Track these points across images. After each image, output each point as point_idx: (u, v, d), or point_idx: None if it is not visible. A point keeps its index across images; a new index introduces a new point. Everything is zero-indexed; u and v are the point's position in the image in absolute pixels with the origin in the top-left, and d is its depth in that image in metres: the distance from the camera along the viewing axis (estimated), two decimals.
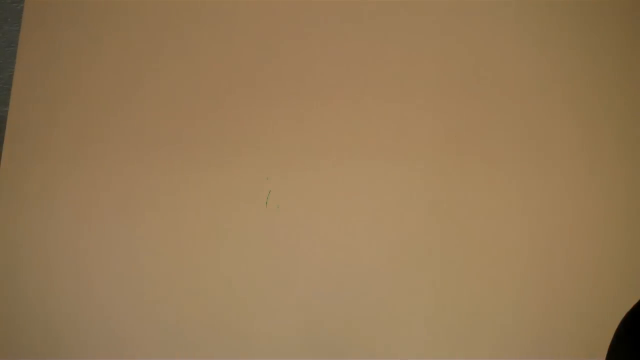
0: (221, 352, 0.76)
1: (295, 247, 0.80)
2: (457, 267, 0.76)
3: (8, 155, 0.93)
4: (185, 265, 0.83)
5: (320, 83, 0.85)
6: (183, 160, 0.86)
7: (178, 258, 0.83)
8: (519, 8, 0.86)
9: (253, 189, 0.83)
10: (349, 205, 0.80)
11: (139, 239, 0.85)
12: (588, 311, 0.73)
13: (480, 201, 0.78)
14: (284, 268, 0.79)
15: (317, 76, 0.85)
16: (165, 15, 0.90)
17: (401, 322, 0.74)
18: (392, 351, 0.73)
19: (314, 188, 0.81)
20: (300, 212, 0.81)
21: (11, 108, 0.92)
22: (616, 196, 0.78)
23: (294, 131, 0.84)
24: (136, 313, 0.83)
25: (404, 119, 0.82)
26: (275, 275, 0.79)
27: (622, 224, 0.77)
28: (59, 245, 0.88)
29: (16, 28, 0.94)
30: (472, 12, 0.86)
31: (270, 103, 0.84)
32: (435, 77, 0.84)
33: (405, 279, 0.76)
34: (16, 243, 0.90)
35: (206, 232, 0.83)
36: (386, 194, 0.80)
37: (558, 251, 0.76)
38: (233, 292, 0.80)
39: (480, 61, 0.84)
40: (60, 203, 0.90)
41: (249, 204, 0.82)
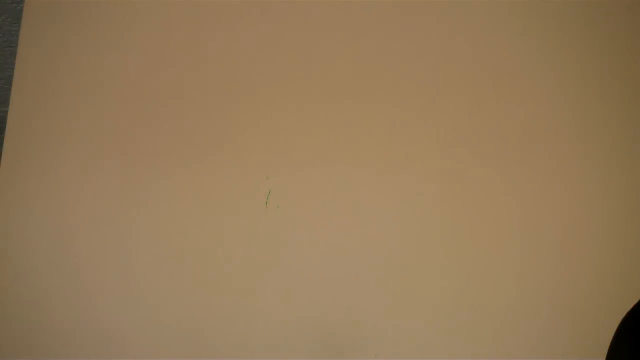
0: (221, 352, 0.76)
1: (295, 247, 0.80)
2: (458, 268, 0.76)
3: (8, 155, 0.93)
4: (184, 265, 0.83)
5: (320, 83, 0.85)
6: (183, 160, 0.86)
7: (177, 258, 0.83)
8: (521, 7, 0.86)
9: (253, 189, 0.83)
10: (350, 205, 0.80)
11: (138, 239, 0.85)
12: (588, 311, 0.73)
13: (481, 202, 0.78)
14: (284, 268, 0.79)
15: (318, 76, 0.85)
16: (166, 15, 0.90)
17: (402, 323, 0.74)
18: (393, 351, 0.73)
19: (314, 188, 0.81)
20: (300, 212, 0.81)
21: (11, 108, 0.92)
22: (617, 196, 0.78)
23: (295, 131, 0.84)
24: (136, 313, 0.83)
25: (405, 119, 0.83)
26: (275, 275, 0.79)
27: (623, 224, 0.77)
28: (59, 245, 0.88)
29: (16, 28, 0.94)
30: (473, 12, 0.86)
31: (270, 103, 0.84)
32: (436, 78, 0.84)
33: (405, 279, 0.76)
34: (16, 243, 0.90)
35: (206, 232, 0.83)
36: (387, 194, 0.80)
37: (558, 251, 0.76)
38: (233, 292, 0.80)
39: (481, 62, 0.84)
40: (60, 203, 0.90)
41: (249, 204, 0.82)
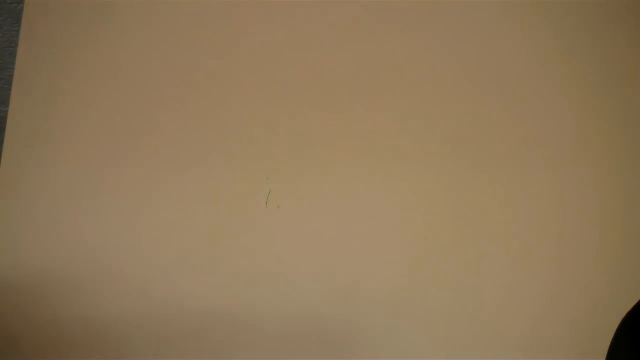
0: (221, 352, 0.76)
1: (295, 247, 0.80)
2: (458, 268, 0.76)
3: (8, 155, 0.93)
4: (184, 265, 0.83)
5: (321, 83, 0.85)
6: (183, 159, 0.86)
7: (177, 258, 0.83)
8: (524, 6, 0.86)
9: (253, 189, 0.83)
10: (350, 205, 0.80)
11: (138, 239, 0.85)
12: (588, 311, 0.73)
13: (482, 202, 0.78)
14: (285, 268, 0.79)
15: (318, 76, 0.85)
16: (166, 15, 0.90)
17: (402, 323, 0.74)
18: (394, 351, 0.73)
19: (315, 188, 0.81)
20: (300, 212, 0.81)
21: (11, 108, 0.91)
22: (619, 196, 0.78)
23: (295, 131, 0.84)
24: (136, 312, 0.83)
25: (407, 119, 0.82)
26: (275, 275, 0.79)
27: (624, 224, 0.77)
28: (59, 245, 0.88)
29: (16, 28, 0.94)
30: (475, 11, 0.86)
31: (270, 102, 0.84)
32: (439, 77, 0.84)
33: (406, 279, 0.76)
34: (16, 243, 0.90)
35: (205, 232, 0.83)
36: (387, 194, 0.80)
37: (558, 251, 0.76)
38: (233, 292, 0.80)
39: (484, 61, 0.84)
40: (60, 203, 0.89)
41: (249, 204, 0.82)
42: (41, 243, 0.89)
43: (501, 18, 0.86)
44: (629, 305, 0.57)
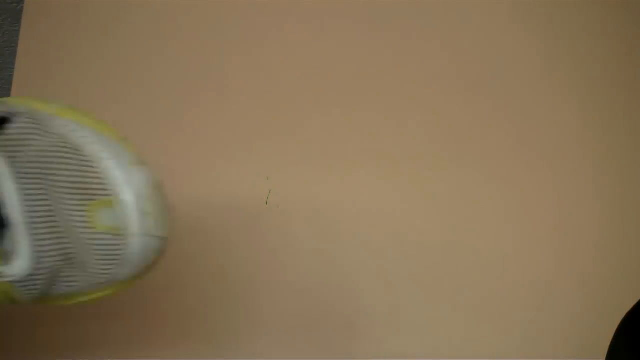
0: (221, 352, 0.76)
1: (295, 247, 0.80)
2: (458, 267, 0.76)
3: None
4: (184, 265, 0.83)
5: (321, 83, 0.85)
6: (183, 159, 0.86)
7: (177, 257, 0.83)
8: (524, 6, 0.86)
9: (253, 189, 0.83)
10: (350, 205, 0.80)
11: None
12: (588, 311, 0.73)
13: (482, 203, 0.78)
14: (285, 268, 0.79)
15: (318, 76, 0.85)
16: (166, 15, 0.90)
17: (403, 323, 0.74)
18: (393, 351, 0.73)
19: (315, 188, 0.81)
20: (300, 212, 0.81)
21: None
22: (619, 196, 0.78)
23: (295, 130, 0.84)
24: (136, 311, 0.83)
25: (406, 119, 0.83)
26: (275, 275, 0.79)
27: (625, 224, 0.77)
28: None
29: (16, 28, 0.94)
30: (476, 11, 0.87)
31: (271, 102, 0.85)
32: (438, 78, 0.84)
33: (407, 279, 0.77)
34: None
35: (205, 232, 0.83)
36: (387, 194, 0.80)
37: (558, 250, 0.76)
38: (233, 292, 0.80)
39: (485, 61, 0.85)
40: None
41: (249, 204, 0.82)
42: None
43: (501, 17, 0.86)
44: (629, 305, 0.57)
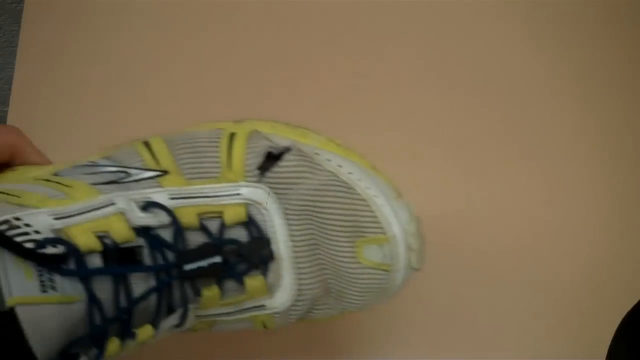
0: (221, 351, 0.76)
1: None
2: (459, 267, 0.76)
3: None
4: None
5: (321, 82, 0.85)
6: None
7: None
8: (524, 6, 0.86)
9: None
10: None
11: None
12: (588, 311, 0.73)
13: (482, 203, 0.78)
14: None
15: (319, 76, 0.85)
16: (166, 15, 0.90)
17: (403, 323, 0.74)
18: (394, 351, 0.73)
19: None
20: None
21: (11, 108, 0.91)
22: (619, 195, 0.78)
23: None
24: None
25: (407, 120, 0.83)
26: None
27: (625, 224, 0.77)
28: None
29: (16, 28, 0.94)
30: (477, 10, 0.87)
31: (271, 102, 0.84)
32: (440, 75, 0.84)
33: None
34: None
35: None
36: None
37: (559, 250, 0.76)
38: None
39: (486, 61, 0.85)
40: None
41: None
42: None
43: (501, 17, 0.86)
44: (629, 305, 0.57)
